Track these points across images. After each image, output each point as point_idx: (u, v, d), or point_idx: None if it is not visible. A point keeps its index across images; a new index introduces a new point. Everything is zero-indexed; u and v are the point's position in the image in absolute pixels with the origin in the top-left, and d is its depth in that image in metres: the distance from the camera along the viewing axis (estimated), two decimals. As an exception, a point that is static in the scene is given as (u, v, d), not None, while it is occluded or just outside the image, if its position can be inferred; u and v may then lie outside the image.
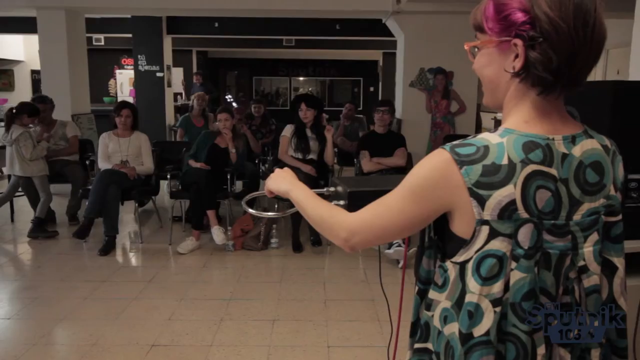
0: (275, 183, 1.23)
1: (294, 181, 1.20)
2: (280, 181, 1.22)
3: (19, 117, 4.70)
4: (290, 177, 1.22)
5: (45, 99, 5.24)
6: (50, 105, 5.26)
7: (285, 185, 1.20)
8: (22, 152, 4.66)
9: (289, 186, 1.18)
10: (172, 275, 3.96)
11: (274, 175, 1.26)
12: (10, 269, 4.15)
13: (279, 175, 1.25)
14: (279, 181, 1.23)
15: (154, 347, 2.75)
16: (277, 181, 1.23)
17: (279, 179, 1.23)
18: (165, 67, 9.05)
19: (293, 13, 6.82)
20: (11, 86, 10.72)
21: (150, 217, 5.47)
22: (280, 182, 1.22)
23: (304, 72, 15.00)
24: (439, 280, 0.97)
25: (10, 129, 4.66)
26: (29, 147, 4.67)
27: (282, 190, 1.20)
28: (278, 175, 1.25)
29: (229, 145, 4.72)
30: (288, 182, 1.20)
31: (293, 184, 1.18)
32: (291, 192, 1.17)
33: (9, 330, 3.00)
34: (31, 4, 6.20)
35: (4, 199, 4.96)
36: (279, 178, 1.24)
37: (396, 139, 4.84)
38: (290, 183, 1.19)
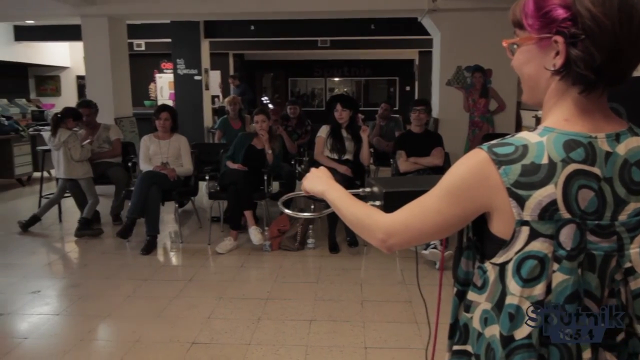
0: (311, 183, 1.24)
1: (329, 182, 1.20)
2: (315, 181, 1.22)
3: (64, 121, 4.90)
4: (325, 178, 1.22)
5: (89, 103, 5.43)
6: (95, 109, 5.45)
7: (321, 185, 1.20)
8: (70, 153, 4.85)
9: (324, 187, 1.18)
10: (211, 274, 4.04)
11: (310, 175, 1.26)
12: (58, 267, 4.32)
13: (314, 175, 1.25)
14: (314, 181, 1.23)
15: (194, 345, 2.81)
16: (313, 181, 1.23)
17: (315, 179, 1.24)
18: (203, 70, 9.22)
19: (328, 14, 6.84)
20: (58, 91, 11.14)
21: (189, 217, 5.59)
22: (315, 183, 1.22)
23: (339, 72, 14.99)
24: (478, 282, 0.96)
25: (57, 132, 4.86)
26: (77, 149, 4.87)
27: (318, 190, 1.20)
28: (314, 175, 1.25)
29: (265, 147, 4.77)
30: (323, 183, 1.20)
31: (328, 185, 1.18)
32: (326, 193, 1.17)
33: (57, 325, 3.12)
34: (76, 13, 6.43)
35: (53, 201, 5.17)
36: (314, 178, 1.24)
37: (433, 138, 4.78)
38: (326, 183, 1.19)
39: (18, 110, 9.50)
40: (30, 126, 8.22)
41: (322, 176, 1.23)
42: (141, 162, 4.86)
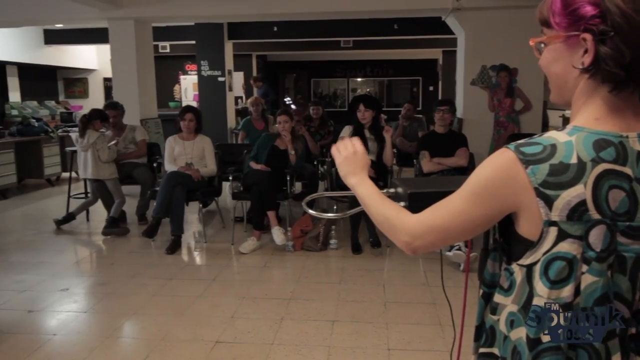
0: (345, 171, 1.20)
1: (362, 175, 1.17)
2: (351, 170, 1.18)
3: (92, 123, 5.01)
4: (359, 168, 1.18)
5: (116, 105, 5.54)
6: (121, 111, 5.55)
7: (353, 178, 1.17)
8: (98, 154, 4.96)
9: (356, 180, 1.16)
10: (234, 274, 4.07)
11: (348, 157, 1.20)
12: (86, 265, 4.42)
13: (351, 161, 1.19)
14: (349, 169, 1.19)
15: (218, 344, 2.84)
16: (348, 168, 1.19)
17: (351, 166, 1.19)
18: (227, 71, 9.30)
19: (351, 14, 6.83)
20: (85, 93, 11.38)
21: (213, 217, 5.65)
22: (350, 171, 1.18)
23: (361, 72, 14.95)
24: (504, 284, 0.95)
25: (86, 134, 4.97)
26: (105, 150, 4.97)
27: (349, 183, 1.18)
28: (351, 160, 1.20)
29: (288, 147, 4.79)
30: (357, 175, 1.17)
31: (361, 178, 1.16)
32: (357, 187, 1.15)
33: (85, 323, 3.19)
34: (103, 16, 6.57)
35: (90, 202, 5.29)
36: (350, 165, 1.19)
37: (457, 138, 4.74)
38: (359, 176, 1.16)
39: (47, 112, 9.75)
40: (59, 127, 8.42)
41: (357, 165, 1.18)
42: (166, 163, 4.93)
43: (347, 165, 1.20)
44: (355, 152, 1.21)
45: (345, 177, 1.20)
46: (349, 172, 1.19)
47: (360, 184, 1.15)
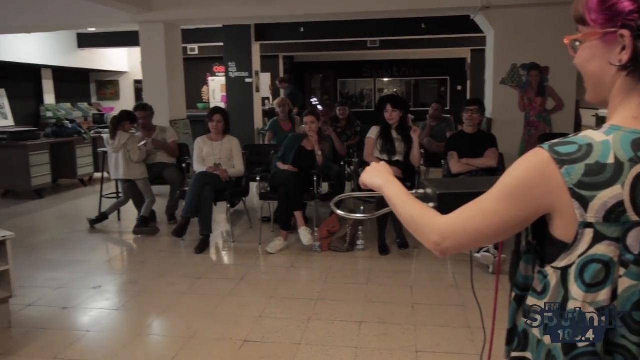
0: (370, 176, 1.22)
1: (388, 177, 1.18)
2: (375, 175, 1.20)
3: (122, 124, 5.12)
4: (385, 172, 1.20)
5: (146, 107, 5.64)
6: (150, 112, 5.65)
7: (379, 179, 1.18)
8: (129, 155, 5.06)
9: (382, 181, 1.17)
10: (262, 274, 4.10)
11: (369, 168, 1.25)
12: (118, 264, 4.52)
13: (374, 169, 1.23)
14: (373, 175, 1.21)
15: (246, 343, 2.86)
16: (372, 175, 1.21)
17: (374, 172, 1.22)
18: (254, 73, 9.38)
19: (378, 14, 6.80)
20: (117, 95, 11.64)
21: (241, 217, 5.70)
22: (374, 176, 1.20)
23: (388, 72, 14.88)
24: (538, 287, 0.93)
25: (116, 135, 5.08)
26: (136, 151, 5.07)
27: (376, 184, 1.18)
28: (374, 168, 1.23)
29: (315, 148, 4.80)
30: (382, 178, 1.18)
31: (387, 180, 1.16)
32: (384, 188, 1.15)
33: (117, 320, 3.26)
34: (134, 20, 6.70)
35: (122, 202, 5.41)
36: (374, 172, 1.22)
37: (486, 139, 4.67)
38: (385, 178, 1.17)
39: (80, 113, 10.01)
40: (91, 129, 8.62)
41: (382, 170, 1.21)
42: (195, 163, 5.00)
43: (370, 173, 1.23)
44: (377, 164, 1.25)
45: (371, 182, 1.21)
46: (373, 177, 1.21)
47: (387, 184, 1.15)
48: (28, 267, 4.11)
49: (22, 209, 6.52)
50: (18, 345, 2.89)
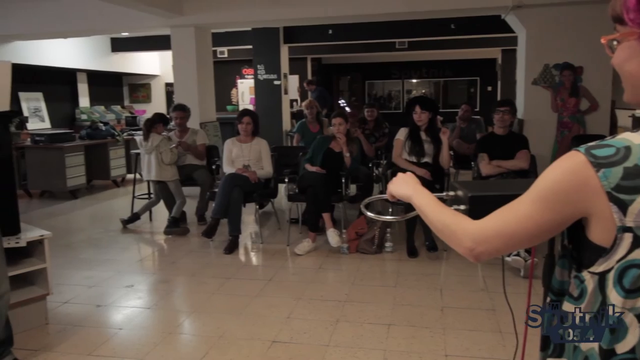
0: (398, 187, 1.23)
1: (416, 186, 1.19)
2: (402, 185, 1.22)
3: (155, 127, 5.23)
4: (413, 182, 1.21)
5: (184, 108, 5.72)
6: (188, 114, 5.75)
7: (408, 190, 1.19)
8: (161, 157, 5.16)
9: (411, 191, 1.18)
10: (290, 275, 4.12)
11: (396, 180, 1.25)
12: (149, 263, 4.61)
13: (401, 180, 1.24)
14: (401, 185, 1.22)
15: (275, 343, 2.88)
16: (400, 185, 1.23)
17: (402, 183, 1.23)
18: (282, 75, 9.44)
19: (407, 15, 6.75)
20: (149, 98, 11.88)
21: (269, 218, 5.74)
22: (402, 187, 1.21)
23: (417, 73, 14.76)
24: (574, 292, 0.91)
25: (150, 137, 5.19)
26: (168, 153, 5.17)
27: (404, 194, 1.19)
28: (400, 179, 1.25)
29: (343, 150, 4.80)
30: (411, 187, 1.19)
31: (415, 189, 1.17)
32: (413, 197, 1.16)
33: (149, 318, 3.33)
34: (166, 24, 6.84)
35: (152, 203, 5.53)
36: (401, 182, 1.23)
37: (518, 140, 4.58)
38: (413, 188, 1.18)
39: (114, 116, 10.25)
40: (124, 131, 8.82)
41: (409, 181, 1.22)
42: (224, 165, 5.06)
43: (397, 184, 1.24)
44: (404, 175, 1.26)
45: (399, 193, 1.22)
46: (401, 188, 1.22)
47: (415, 194, 1.16)
48: (64, 266, 4.23)
49: (58, 209, 6.72)
50: (55, 341, 2.97)
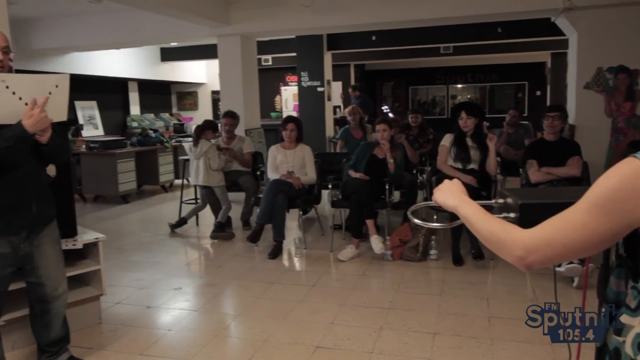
0: (443, 196, 1.22)
1: (462, 196, 1.17)
2: (448, 195, 1.20)
3: (204, 133, 5.37)
4: (458, 192, 1.19)
5: (234, 115, 5.84)
6: (237, 121, 5.86)
7: (453, 200, 1.17)
8: (209, 163, 5.30)
9: (456, 201, 1.16)
10: (333, 281, 4.13)
11: (442, 187, 1.24)
12: (196, 267, 4.72)
13: (447, 188, 1.23)
14: (447, 195, 1.21)
15: (318, 349, 2.89)
16: (445, 195, 1.21)
17: (448, 192, 1.21)
18: (326, 82, 9.50)
19: (453, 20, 6.67)
20: (195, 106, 12.21)
21: (312, 224, 5.77)
22: (448, 196, 1.20)
23: (462, 79, 14.52)
24: (632, 303, 0.88)
25: (199, 143, 5.33)
26: (216, 159, 5.30)
27: (450, 204, 1.18)
28: (446, 187, 1.23)
29: (387, 156, 4.78)
30: (456, 197, 1.17)
31: (461, 199, 1.16)
32: (459, 208, 1.14)
33: (196, 321, 3.41)
34: (213, 33, 7.02)
35: (199, 208, 5.68)
36: (446, 191, 1.22)
37: (569, 146, 4.43)
38: (459, 198, 1.17)
39: (162, 123, 10.60)
40: (172, 138, 9.10)
41: (455, 190, 1.21)
42: (269, 171, 5.13)
43: (443, 193, 1.23)
44: (450, 182, 1.24)
45: (445, 202, 1.21)
46: (446, 197, 1.21)
47: (461, 204, 1.14)
48: (115, 268, 4.39)
49: (110, 213, 6.98)
50: (108, 340, 3.09)
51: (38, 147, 2.29)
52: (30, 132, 2.15)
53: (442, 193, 1.23)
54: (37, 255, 2.45)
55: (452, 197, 1.19)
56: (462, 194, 1.19)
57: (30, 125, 2.13)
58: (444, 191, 1.23)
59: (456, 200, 1.16)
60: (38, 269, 2.47)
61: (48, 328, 2.59)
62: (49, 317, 2.57)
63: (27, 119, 2.12)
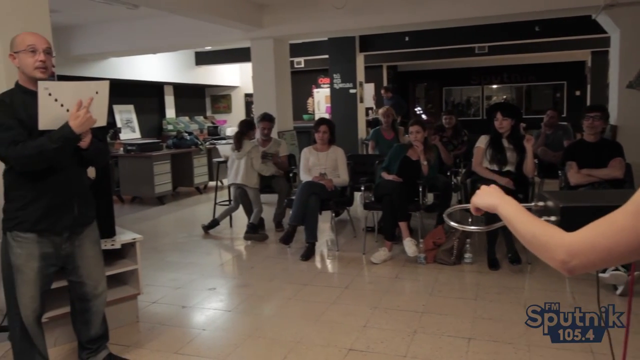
0: (482, 198, 1.20)
1: (502, 196, 1.15)
2: (487, 196, 1.18)
3: (247, 134, 5.47)
4: (498, 192, 1.17)
5: (271, 118, 5.90)
6: (273, 124, 5.92)
7: (494, 199, 1.15)
8: (252, 162, 5.37)
9: (497, 200, 1.14)
10: (366, 283, 4.10)
11: (480, 192, 1.22)
12: (230, 268, 4.78)
13: (485, 192, 1.21)
14: (486, 196, 1.19)
15: (351, 351, 2.88)
16: (484, 197, 1.20)
17: (487, 194, 1.19)
18: (358, 83, 9.48)
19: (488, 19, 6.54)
20: (229, 108, 12.38)
21: (345, 227, 5.76)
22: (488, 197, 1.18)
23: (497, 79, 14.24)
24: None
25: (242, 144, 5.41)
26: (258, 159, 5.38)
27: (490, 204, 1.16)
28: (485, 191, 1.21)
29: (420, 158, 4.73)
30: (497, 197, 1.15)
31: (502, 199, 1.13)
32: (499, 207, 1.12)
33: (230, 321, 3.44)
34: (246, 37, 7.10)
35: (231, 209, 5.75)
36: (486, 193, 1.20)
37: (610, 147, 4.28)
38: (499, 197, 1.14)
39: (197, 126, 10.78)
40: (206, 140, 9.24)
41: (493, 192, 1.18)
42: (301, 173, 5.15)
43: (482, 195, 1.21)
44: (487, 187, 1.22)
45: (484, 203, 1.19)
46: (487, 197, 1.18)
47: (502, 204, 1.12)
48: (152, 268, 4.48)
49: (147, 214, 7.14)
50: (145, 338, 3.16)
51: (79, 151, 2.37)
52: (77, 133, 2.22)
53: (482, 196, 1.21)
54: (78, 255, 2.52)
55: (491, 197, 1.17)
56: (501, 194, 1.17)
57: (76, 126, 2.20)
58: (483, 194, 1.21)
59: (497, 200, 1.14)
60: (79, 269, 2.54)
61: (88, 325, 2.67)
62: (89, 315, 2.65)
63: (74, 120, 2.20)
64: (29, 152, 2.18)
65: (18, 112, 2.25)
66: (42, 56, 2.29)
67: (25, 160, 2.21)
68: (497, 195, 1.16)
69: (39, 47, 2.30)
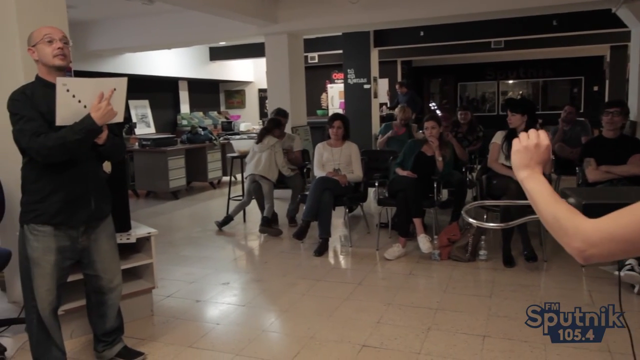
0: (518, 161, 1.11)
1: (535, 168, 1.08)
2: (525, 161, 1.10)
3: (272, 131, 5.50)
4: (535, 164, 1.09)
5: (286, 113, 5.92)
6: (287, 119, 5.94)
7: (524, 172, 1.09)
8: (275, 157, 5.42)
9: (527, 173, 1.08)
10: (379, 280, 4.09)
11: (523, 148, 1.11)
12: (243, 263, 4.79)
13: (527, 153, 1.10)
14: (524, 160, 1.10)
15: (365, 348, 2.87)
16: (521, 161, 1.10)
17: (526, 157, 1.10)
18: (372, 79, 9.43)
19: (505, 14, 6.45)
20: (243, 104, 12.40)
21: (358, 222, 5.74)
22: (523, 162, 1.10)
23: (513, 74, 14.07)
24: None
25: (264, 139, 5.43)
26: (281, 155, 5.41)
27: (519, 176, 1.10)
28: (528, 152, 1.10)
29: (435, 154, 4.69)
30: (529, 168, 1.09)
31: (532, 172, 1.08)
32: (525, 181, 1.07)
33: (243, 315, 3.45)
34: (261, 32, 7.10)
35: (243, 204, 5.76)
36: (525, 158, 1.10)
37: (630, 144, 4.21)
38: (531, 169, 1.08)
39: (211, 121, 10.81)
40: (220, 135, 9.27)
41: (534, 157, 1.09)
42: (315, 168, 5.14)
43: (523, 156, 1.10)
44: (538, 144, 1.10)
45: (517, 168, 1.11)
46: (522, 164, 1.10)
47: (530, 177, 1.07)
48: (166, 262, 4.51)
49: (161, 208, 7.19)
50: (159, 332, 3.18)
51: (95, 146, 2.38)
52: (99, 124, 2.23)
53: (521, 156, 1.11)
54: (94, 249, 2.54)
55: (526, 166, 1.09)
56: (537, 166, 1.09)
57: (98, 117, 2.22)
58: (524, 155, 1.11)
59: (527, 172, 1.08)
60: (95, 262, 2.56)
61: (104, 318, 2.69)
62: (105, 308, 2.67)
63: (95, 111, 2.22)
64: (52, 143, 2.20)
65: (39, 104, 2.27)
66: (59, 44, 2.32)
67: (47, 151, 2.22)
68: (530, 166, 1.09)
69: (56, 36, 2.32)
